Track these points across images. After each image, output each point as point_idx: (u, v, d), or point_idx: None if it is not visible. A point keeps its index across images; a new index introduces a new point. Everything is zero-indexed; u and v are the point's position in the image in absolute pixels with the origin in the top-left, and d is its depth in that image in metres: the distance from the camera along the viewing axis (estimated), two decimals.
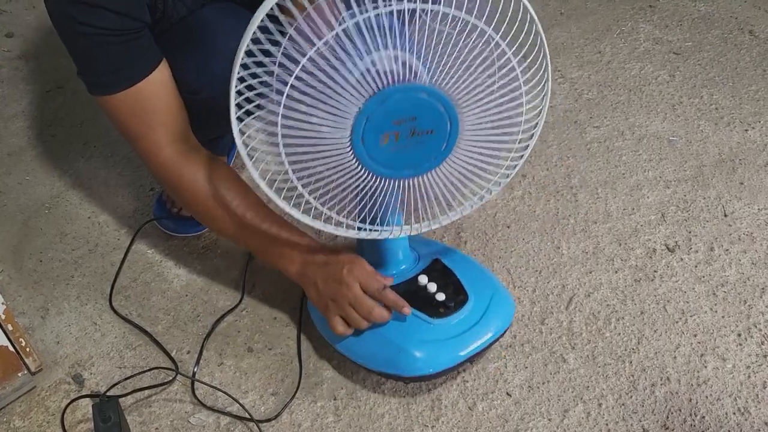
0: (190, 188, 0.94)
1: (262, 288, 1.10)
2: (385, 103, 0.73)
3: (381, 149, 0.76)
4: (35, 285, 1.11)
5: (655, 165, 1.31)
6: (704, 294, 1.08)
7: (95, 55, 0.86)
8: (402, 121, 0.75)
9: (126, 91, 0.88)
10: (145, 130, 0.91)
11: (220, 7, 0.97)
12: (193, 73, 0.93)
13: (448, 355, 0.92)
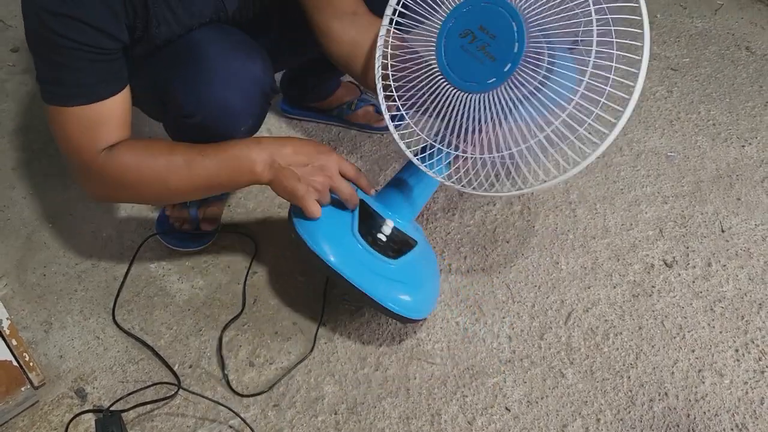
0: (129, 170, 0.91)
1: (263, 302, 1.11)
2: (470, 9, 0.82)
3: (455, 45, 0.85)
4: (39, 299, 1.12)
5: (653, 180, 1.32)
6: (702, 309, 1.09)
7: (62, 66, 0.84)
8: (480, 29, 0.83)
9: (83, 107, 0.87)
10: (89, 143, 0.89)
11: (209, 29, 0.96)
12: (185, 98, 0.92)
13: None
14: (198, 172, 0.92)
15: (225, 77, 0.93)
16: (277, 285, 1.13)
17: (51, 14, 0.80)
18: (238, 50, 0.95)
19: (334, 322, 1.08)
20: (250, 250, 1.19)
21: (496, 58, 0.82)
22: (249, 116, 0.99)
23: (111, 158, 0.90)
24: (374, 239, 0.97)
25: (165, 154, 0.92)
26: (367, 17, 1.02)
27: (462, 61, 0.85)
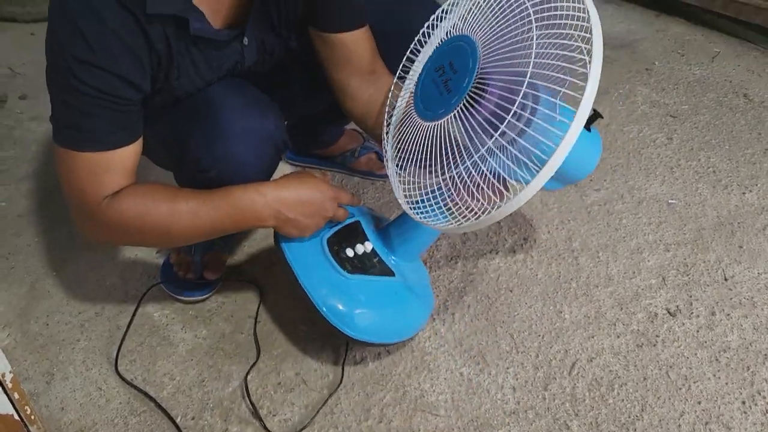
0: (133, 217, 0.91)
1: (266, 351, 1.10)
2: (446, 49, 0.86)
3: (428, 90, 0.88)
4: (41, 349, 1.12)
5: (655, 228, 1.33)
6: (707, 360, 1.09)
7: (80, 112, 0.85)
8: (443, 67, 0.86)
9: (93, 154, 0.87)
10: (94, 188, 0.90)
11: (228, 85, 0.98)
12: (202, 152, 0.94)
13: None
14: (202, 220, 0.93)
15: (241, 134, 0.95)
16: (280, 335, 1.13)
17: (78, 61, 0.81)
18: (253, 107, 0.97)
19: (337, 370, 1.07)
20: (253, 298, 1.19)
21: (452, 90, 0.85)
22: (260, 170, 1.02)
23: (114, 205, 0.91)
24: (339, 249, 1.02)
25: (168, 200, 0.92)
26: (385, 77, 1.07)
27: (429, 93, 0.89)
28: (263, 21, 0.99)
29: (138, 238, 0.96)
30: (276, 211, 0.96)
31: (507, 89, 0.80)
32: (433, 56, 0.90)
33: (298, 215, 0.97)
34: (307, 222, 0.99)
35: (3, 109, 1.69)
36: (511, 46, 0.79)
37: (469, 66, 0.82)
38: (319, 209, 1.00)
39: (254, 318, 1.15)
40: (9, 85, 1.78)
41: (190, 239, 1.00)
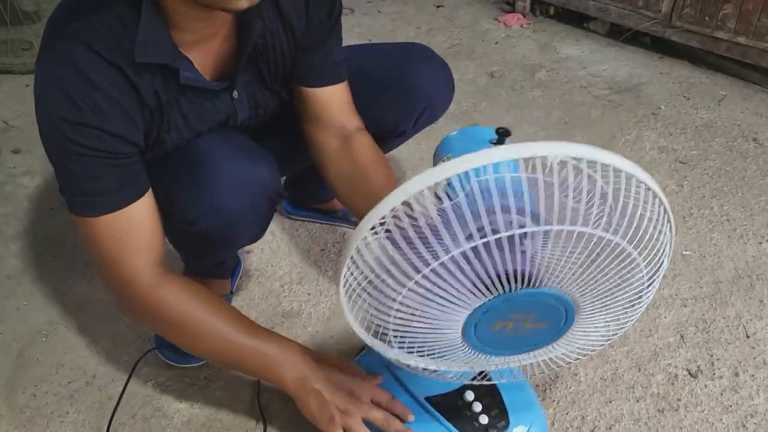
0: (173, 311, 0.90)
1: (269, 423, 1.04)
2: (510, 302, 0.71)
3: (490, 334, 0.75)
4: (27, 423, 1.05)
5: (671, 282, 1.28)
6: (733, 426, 1.03)
7: (83, 176, 0.83)
8: (520, 315, 0.73)
9: (112, 215, 0.85)
10: (125, 254, 0.87)
11: (217, 134, 0.95)
12: (189, 205, 0.90)
13: None
14: (230, 348, 0.92)
15: (229, 184, 0.90)
16: (279, 403, 1.07)
17: (68, 123, 0.79)
18: (243, 156, 0.93)
19: None
20: None
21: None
22: (253, 223, 0.98)
23: (158, 290, 0.89)
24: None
25: (210, 312, 0.91)
26: (356, 134, 1.03)
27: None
28: (253, 75, 0.97)
29: (163, 329, 0.95)
30: (302, 376, 0.91)
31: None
32: (498, 304, 0.72)
33: (324, 388, 0.91)
34: (332, 399, 0.91)
35: None
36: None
37: (562, 324, 0.76)
38: (348, 390, 0.92)
39: (257, 387, 1.09)
40: (2, 139, 1.74)
41: (207, 357, 1.01)
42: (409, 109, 1.14)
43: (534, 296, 0.70)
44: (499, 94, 1.93)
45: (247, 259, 1.35)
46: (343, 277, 0.72)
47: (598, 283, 0.71)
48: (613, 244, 0.67)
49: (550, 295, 0.71)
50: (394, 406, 0.92)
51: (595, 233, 0.65)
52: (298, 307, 1.24)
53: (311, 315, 1.23)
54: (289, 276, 1.31)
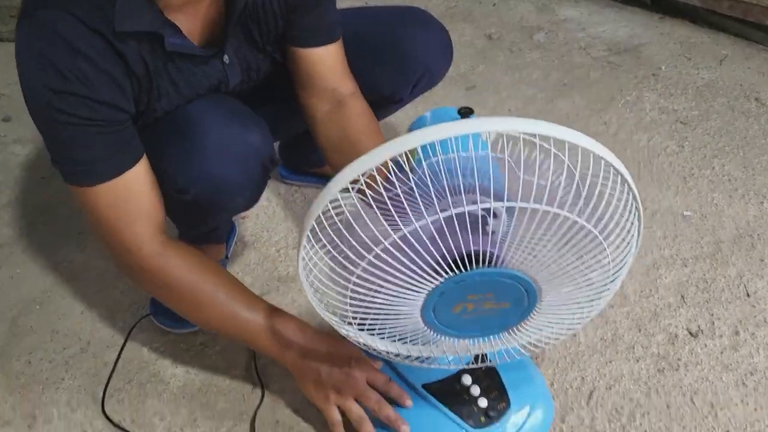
0: (175, 280, 0.89)
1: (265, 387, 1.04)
2: (464, 282, 0.69)
3: (451, 316, 0.73)
4: (22, 389, 1.05)
5: (671, 242, 1.26)
6: (733, 384, 1.02)
7: (74, 145, 0.81)
8: (478, 296, 0.71)
9: (108, 183, 0.83)
10: (125, 223, 0.86)
11: (207, 101, 0.92)
12: (178, 172, 0.88)
13: None
14: (230, 321, 0.91)
15: (219, 150, 0.88)
16: (276, 369, 1.06)
17: (53, 92, 0.76)
18: (233, 121, 0.90)
19: None
20: None
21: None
22: (246, 189, 0.95)
23: (163, 258, 0.88)
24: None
25: (212, 283, 0.90)
26: (349, 99, 1.01)
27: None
28: (244, 38, 0.94)
29: (164, 297, 0.94)
30: (300, 354, 0.91)
31: None
32: (452, 284, 0.69)
33: (322, 366, 0.90)
34: (327, 377, 0.90)
35: None
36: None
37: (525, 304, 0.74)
38: (345, 370, 0.90)
39: (253, 351, 1.08)
40: None
41: (207, 327, 1.00)
42: (405, 77, 1.11)
43: (487, 276, 0.68)
44: (497, 56, 1.89)
45: (243, 225, 1.33)
46: (302, 257, 0.70)
47: (556, 261, 0.69)
48: (561, 218, 0.64)
49: (504, 274, 0.68)
50: (390, 389, 0.91)
51: (549, 210, 0.63)
52: (294, 272, 1.23)
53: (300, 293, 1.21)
54: (285, 241, 1.30)
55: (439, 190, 0.68)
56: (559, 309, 0.77)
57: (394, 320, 0.74)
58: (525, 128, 0.60)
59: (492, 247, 0.68)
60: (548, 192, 0.62)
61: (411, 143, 0.60)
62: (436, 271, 0.67)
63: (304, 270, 0.72)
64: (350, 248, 0.67)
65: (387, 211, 0.65)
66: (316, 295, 0.74)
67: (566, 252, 0.67)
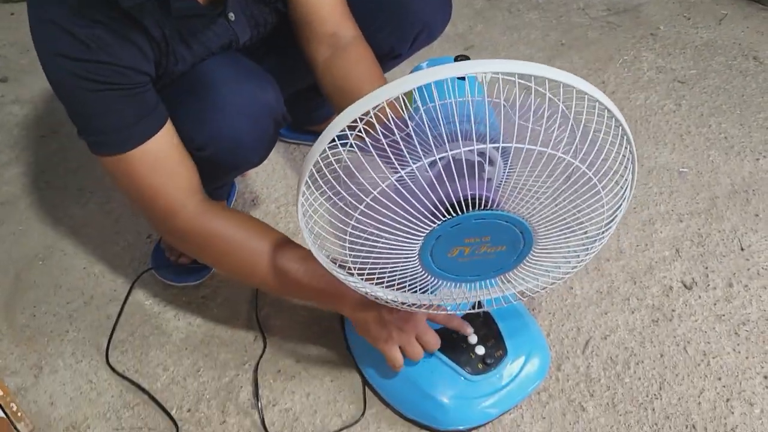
0: (221, 241, 0.89)
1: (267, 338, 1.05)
2: (460, 226, 0.69)
3: (448, 260, 0.74)
4: (28, 341, 1.07)
5: (667, 198, 1.27)
6: (726, 333, 1.04)
7: (101, 113, 0.81)
8: (474, 239, 0.72)
9: (142, 147, 0.83)
10: (165, 185, 0.86)
11: (220, 57, 0.92)
12: (196, 130, 0.88)
13: (481, 413, 0.92)
14: (288, 276, 0.89)
15: (236, 109, 0.89)
16: (278, 320, 1.08)
17: (75, 60, 0.76)
18: (249, 80, 0.91)
19: (339, 356, 1.02)
20: None
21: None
22: (259, 147, 0.96)
23: (203, 217, 0.88)
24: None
25: (266, 241, 0.89)
26: (350, 44, 1.00)
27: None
28: None
29: (213, 258, 0.93)
30: (362, 297, 0.85)
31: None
32: (449, 227, 0.70)
33: (384, 309, 0.88)
34: (390, 319, 0.88)
35: None
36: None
37: (521, 247, 0.74)
38: (405, 314, 0.89)
39: (254, 303, 1.10)
40: None
41: (265, 286, 0.98)
42: (404, 32, 1.11)
43: (484, 218, 0.69)
44: (495, 16, 1.88)
45: (242, 182, 1.34)
46: (301, 203, 0.71)
47: (551, 204, 0.69)
48: (556, 160, 0.65)
49: (500, 216, 0.69)
50: (451, 320, 0.92)
51: (543, 150, 0.63)
52: (294, 228, 1.24)
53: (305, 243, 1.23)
54: (285, 198, 1.31)
55: (435, 137, 0.69)
56: (554, 254, 0.78)
57: (393, 266, 0.75)
58: (520, 69, 0.60)
59: (488, 192, 0.69)
60: (543, 134, 0.63)
61: (409, 84, 0.60)
62: (434, 214, 0.68)
63: (304, 216, 0.73)
64: (348, 192, 0.68)
65: (385, 155, 0.65)
66: (317, 241, 0.75)
67: (561, 195, 0.68)
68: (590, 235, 0.77)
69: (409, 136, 0.67)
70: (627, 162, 0.71)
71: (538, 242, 0.74)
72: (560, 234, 0.74)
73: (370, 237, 0.71)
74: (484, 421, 0.92)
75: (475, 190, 0.69)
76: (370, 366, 0.97)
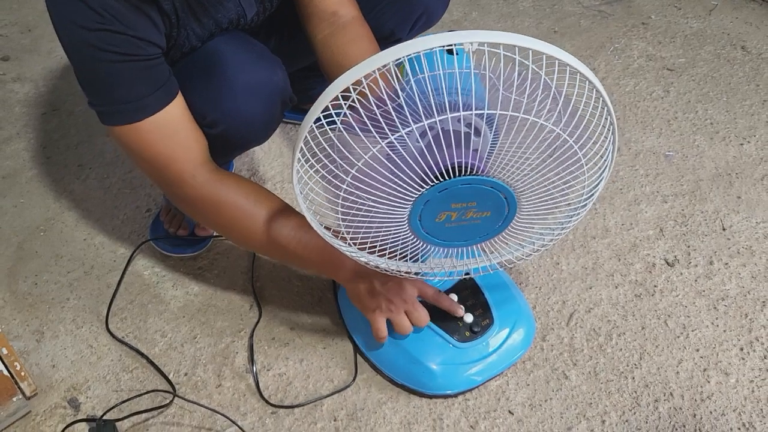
0: (231, 207, 0.92)
1: (262, 307, 1.09)
2: (447, 191, 0.73)
3: (436, 224, 0.77)
4: (30, 308, 1.10)
5: (652, 180, 1.31)
6: (705, 308, 1.08)
7: (115, 83, 0.83)
8: (461, 204, 0.75)
9: (154, 117, 0.86)
10: (176, 154, 0.89)
11: (230, 38, 0.96)
12: (209, 108, 0.91)
13: (467, 379, 0.96)
14: (289, 243, 0.92)
15: (250, 90, 0.93)
16: (273, 290, 1.11)
17: (89, 30, 0.79)
18: (261, 63, 0.95)
19: (332, 325, 1.06)
20: (245, 254, 1.17)
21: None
22: (267, 126, 1.01)
23: (214, 185, 0.91)
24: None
25: (271, 209, 0.92)
26: (349, 22, 1.03)
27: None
28: None
29: (221, 224, 0.96)
30: (357, 266, 0.91)
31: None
32: (436, 192, 0.74)
33: (377, 278, 0.92)
34: (382, 290, 0.92)
35: None
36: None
37: (506, 213, 0.78)
38: (398, 284, 0.93)
39: (250, 274, 1.13)
40: None
41: (268, 252, 1.03)
42: (405, 15, 1.14)
43: (470, 183, 0.72)
44: (489, 3, 1.91)
45: (239, 160, 1.37)
46: (296, 170, 0.74)
47: (534, 171, 0.73)
48: (538, 127, 0.68)
49: (486, 182, 0.73)
50: (440, 300, 0.95)
51: (526, 117, 0.67)
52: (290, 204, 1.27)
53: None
54: (281, 175, 1.34)
55: (426, 107, 0.72)
56: (538, 221, 0.82)
57: (385, 231, 0.79)
58: (505, 40, 0.64)
59: (474, 160, 0.73)
60: (526, 103, 0.67)
61: (402, 51, 0.64)
62: (423, 179, 0.71)
63: (299, 183, 0.76)
64: (341, 157, 0.72)
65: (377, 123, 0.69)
66: (311, 207, 0.79)
67: (543, 162, 0.72)
68: (573, 204, 0.81)
69: (400, 107, 0.71)
70: (607, 133, 0.74)
71: (522, 208, 0.77)
72: (543, 201, 0.77)
73: (362, 201, 0.75)
74: (470, 387, 0.96)
75: (462, 158, 0.72)
76: (361, 334, 1.00)
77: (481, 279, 1.02)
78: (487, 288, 1.01)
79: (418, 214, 0.75)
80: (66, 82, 1.61)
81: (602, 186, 0.79)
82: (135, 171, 1.34)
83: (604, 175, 0.78)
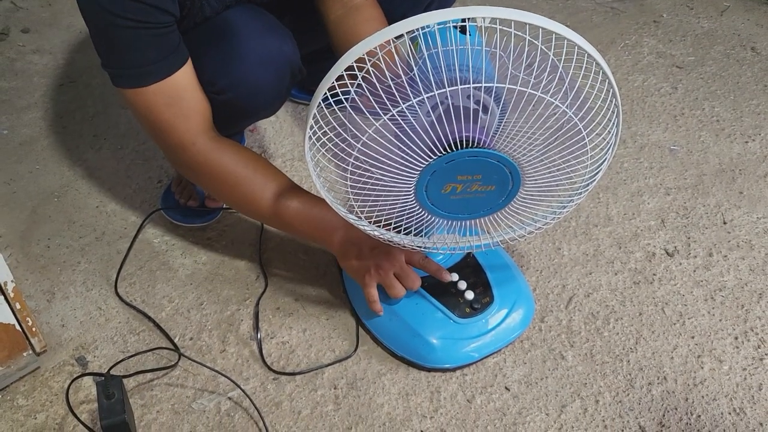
0: (228, 174, 0.96)
1: (268, 278, 1.11)
2: (453, 162, 0.75)
3: (442, 196, 0.80)
4: (42, 270, 1.12)
5: (656, 173, 1.33)
6: (702, 298, 1.09)
7: (127, 48, 0.87)
8: (466, 177, 0.78)
9: (161, 83, 0.89)
10: (179, 119, 0.92)
11: (244, 9, 0.98)
12: (218, 74, 0.94)
13: (466, 354, 0.98)
14: (284, 211, 0.97)
15: (260, 57, 0.95)
16: (279, 262, 1.14)
17: None
18: (272, 32, 0.97)
19: (335, 298, 1.08)
20: (253, 226, 1.19)
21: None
22: (276, 97, 1.03)
23: (214, 152, 0.95)
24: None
25: (268, 177, 0.97)
26: (364, 11, 1.05)
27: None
28: None
29: (220, 190, 1.00)
30: (347, 233, 0.96)
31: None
32: (443, 163, 0.76)
33: (365, 245, 0.96)
34: (370, 255, 0.96)
35: (5, 42, 1.68)
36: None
37: (510, 187, 0.80)
38: (385, 250, 0.95)
39: (258, 246, 1.16)
40: (11, 19, 1.76)
41: (263, 219, 1.09)
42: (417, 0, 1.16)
43: (476, 156, 0.75)
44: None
45: (251, 138, 1.39)
46: (308, 137, 0.76)
47: (539, 147, 0.75)
48: (544, 104, 0.70)
49: (491, 155, 0.75)
50: (428, 265, 0.98)
51: (534, 93, 0.69)
52: (299, 182, 1.29)
53: (311, 189, 1.28)
54: (291, 153, 1.36)
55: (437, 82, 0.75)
56: (541, 199, 0.84)
57: (393, 201, 0.81)
58: (516, 17, 0.66)
59: (481, 135, 0.75)
60: (533, 80, 0.69)
61: (411, 25, 0.66)
62: (431, 149, 0.74)
63: (311, 150, 0.79)
64: (353, 125, 0.74)
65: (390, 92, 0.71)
66: (322, 174, 0.81)
67: (548, 139, 0.74)
68: (576, 184, 0.83)
69: (412, 80, 0.73)
70: (612, 115, 0.76)
71: (525, 184, 0.80)
72: (547, 177, 0.79)
73: (372, 170, 0.77)
74: (468, 362, 0.98)
75: (470, 132, 0.75)
76: (364, 307, 1.03)
77: (484, 259, 1.04)
78: (488, 267, 1.03)
79: (424, 184, 0.77)
80: (84, 55, 1.63)
81: (605, 167, 0.81)
82: (148, 143, 1.36)
83: (607, 156, 0.80)
